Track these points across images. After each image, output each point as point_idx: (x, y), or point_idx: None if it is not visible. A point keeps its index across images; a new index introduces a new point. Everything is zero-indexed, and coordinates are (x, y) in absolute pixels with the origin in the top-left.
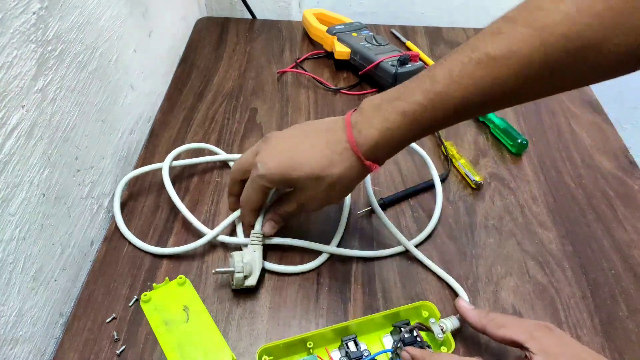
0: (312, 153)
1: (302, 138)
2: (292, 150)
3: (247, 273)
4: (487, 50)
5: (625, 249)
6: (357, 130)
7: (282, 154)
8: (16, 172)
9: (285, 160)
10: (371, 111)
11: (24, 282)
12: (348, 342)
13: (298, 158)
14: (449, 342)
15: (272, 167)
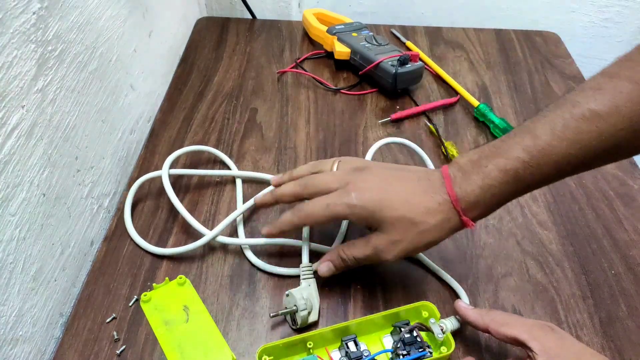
0: (410, 197)
1: (397, 180)
2: (388, 189)
3: (309, 309)
4: (590, 106)
5: (625, 249)
6: (457, 184)
7: (379, 190)
8: (16, 172)
9: (381, 197)
10: (470, 167)
11: (24, 282)
12: (348, 342)
13: (395, 198)
14: (449, 343)
15: (366, 200)
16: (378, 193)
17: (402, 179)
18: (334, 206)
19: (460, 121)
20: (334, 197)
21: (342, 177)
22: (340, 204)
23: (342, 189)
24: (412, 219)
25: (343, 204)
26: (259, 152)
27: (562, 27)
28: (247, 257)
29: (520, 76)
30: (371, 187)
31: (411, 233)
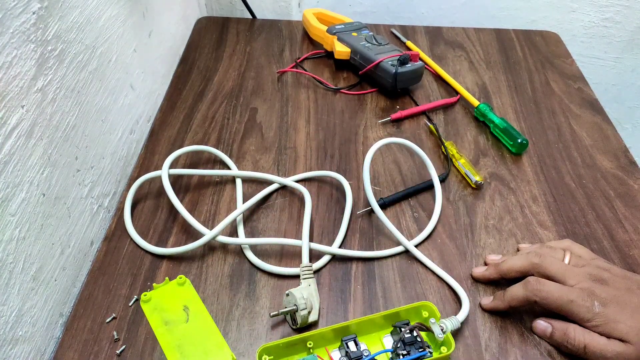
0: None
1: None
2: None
3: (309, 309)
4: None
5: (625, 249)
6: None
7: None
8: (16, 172)
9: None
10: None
11: (24, 282)
12: (348, 342)
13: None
14: (449, 343)
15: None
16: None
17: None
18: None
19: (460, 121)
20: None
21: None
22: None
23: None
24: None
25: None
26: (259, 152)
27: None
28: (247, 257)
29: (520, 76)
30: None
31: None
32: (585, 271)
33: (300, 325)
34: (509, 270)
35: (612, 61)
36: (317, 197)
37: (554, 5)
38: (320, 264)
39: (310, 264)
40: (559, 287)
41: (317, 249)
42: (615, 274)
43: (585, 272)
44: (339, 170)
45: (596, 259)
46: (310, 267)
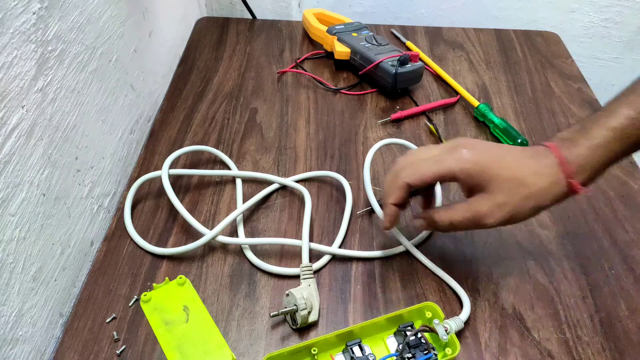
0: (518, 160)
1: (504, 147)
2: (497, 152)
3: (309, 309)
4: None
5: (625, 249)
6: (564, 149)
7: (488, 151)
8: (16, 172)
9: (490, 156)
10: (575, 133)
11: (24, 282)
12: (353, 347)
13: (503, 160)
14: (453, 343)
15: (477, 157)
16: (488, 153)
17: (508, 147)
18: (443, 161)
19: (460, 121)
20: (443, 155)
21: (447, 144)
22: (450, 159)
23: (450, 149)
24: (521, 179)
25: (453, 159)
26: (259, 152)
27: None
28: (247, 257)
29: (520, 76)
30: (481, 148)
31: (518, 195)
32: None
33: (300, 325)
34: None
35: (612, 61)
36: (317, 197)
37: (554, 5)
38: (320, 264)
39: (310, 264)
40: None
41: (317, 249)
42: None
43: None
44: (339, 170)
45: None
46: (310, 267)
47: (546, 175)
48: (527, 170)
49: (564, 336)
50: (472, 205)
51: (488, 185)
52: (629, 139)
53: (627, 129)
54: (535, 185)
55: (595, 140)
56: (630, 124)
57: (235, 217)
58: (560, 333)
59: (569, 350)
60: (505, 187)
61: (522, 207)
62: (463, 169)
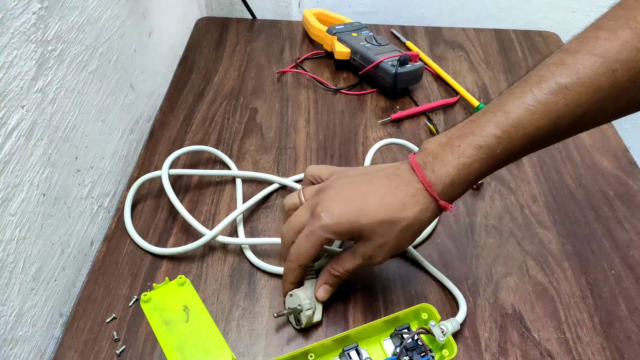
0: (382, 198)
1: (365, 184)
2: (358, 198)
3: (313, 309)
4: (557, 79)
5: (625, 249)
6: (429, 170)
7: (348, 201)
8: (16, 172)
9: (352, 208)
10: (440, 149)
11: (24, 282)
12: (349, 352)
13: (367, 204)
14: (450, 346)
15: (338, 216)
16: (348, 205)
17: (370, 181)
18: (311, 235)
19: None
20: (309, 226)
21: (309, 205)
22: (315, 230)
23: (312, 215)
24: (390, 219)
25: (318, 229)
26: (259, 152)
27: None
28: (247, 257)
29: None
30: (339, 201)
31: (393, 233)
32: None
33: (304, 325)
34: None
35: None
36: None
37: (554, 5)
38: (320, 264)
39: (312, 264)
40: (299, 239)
41: None
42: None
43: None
44: None
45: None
46: (312, 267)
47: (413, 204)
48: (394, 208)
49: (564, 336)
50: (357, 253)
51: (362, 234)
52: (495, 157)
53: (493, 148)
54: (406, 219)
55: (461, 158)
56: (496, 142)
57: (235, 217)
58: (560, 333)
59: (569, 350)
60: (379, 231)
61: (402, 239)
62: (332, 233)
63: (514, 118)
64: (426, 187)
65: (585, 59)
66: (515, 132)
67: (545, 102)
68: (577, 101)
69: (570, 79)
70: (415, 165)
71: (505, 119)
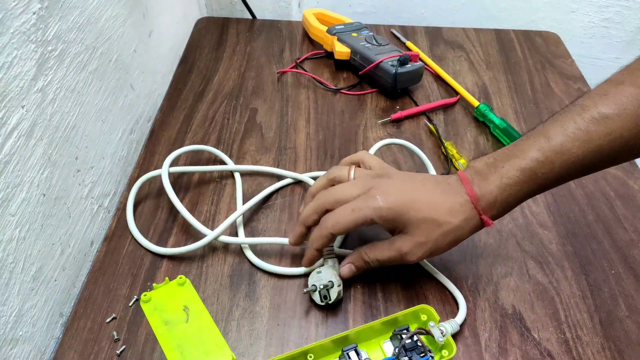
0: (432, 199)
1: (419, 184)
2: (412, 192)
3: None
4: (599, 109)
5: (625, 249)
6: (475, 186)
7: (403, 193)
8: (16, 172)
9: (406, 200)
10: (486, 169)
11: (24, 282)
12: (349, 352)
13: (419, 201)
14: (450, 346)
15: (392, 203)
16: (402, 196)
17: (422, 182)
18: (359, 210)
19: (460, 121)
20: (359, 202)
21: (363, 184)
22: (366, 208)
23: (365, 194)
24: (436, 219)
25: (369, 208)
26: (259, 152)
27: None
28: (247, 256)
29: (520, 76)
30: (395, 190)
31: (435, 234)
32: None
33: (334, 300)
34: (306, 219)
35: (612, 61)
36: None
37: (554, 6)
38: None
39: (331, 244)
40: (343, 209)
41: None
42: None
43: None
44: None
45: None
46: (332, 246)
47: (459, 212)
48: (441, 211)
49: (564, 336)
50: (395, 245)
51: (405, 227)
52: (536, 181)
53: (534, 171)
54: (450, 223)
55: (504, 179)
56: (537, 167)
57: (235, 218)
58: (560, 333)
59: (569, 350)
60: (422, 228)
61: (441, 243)
62: (380, 216)
63: (555, 144)
64: (472, 200)
65: (629, 90)
66: (556, 158)
67: (586, 130)
68: (618, 131)
69: (612, 109)
70: (464, 179)
71: (548, 145)
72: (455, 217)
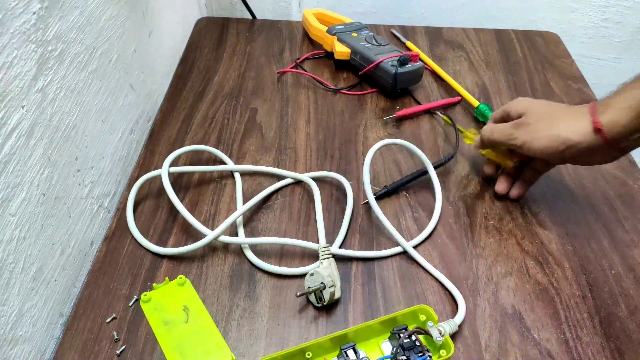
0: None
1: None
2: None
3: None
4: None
5: (625, 249)
6: (599, 112)
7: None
8: (16, 172)
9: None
10: (611, 97)
11: (24, 282)
12: (347, 351)
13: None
14: (448, 346)
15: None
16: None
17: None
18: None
19: (460, 121)
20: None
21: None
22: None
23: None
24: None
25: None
26: (259, 152)
27: (562, 27)
28: (247, 256)
29: (520, 76)
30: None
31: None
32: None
33: (327, 302)
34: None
35: (612, 61)
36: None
37: (554, 6)
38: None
39: (327, 244)
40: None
41: (317, 249)
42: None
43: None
44: (338, 170)
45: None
46: (328, 247)
47: (572, 112)
48: (560, 110)
49: (564, 336)
50: (512, 124)
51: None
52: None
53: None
54: (559, 113)
55: (624, 91)
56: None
57: (235, 218)
58: (560, 333)
59: (569, 350)
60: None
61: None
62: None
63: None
64: (590, 107)
65: None
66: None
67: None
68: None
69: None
70: (591, 104)
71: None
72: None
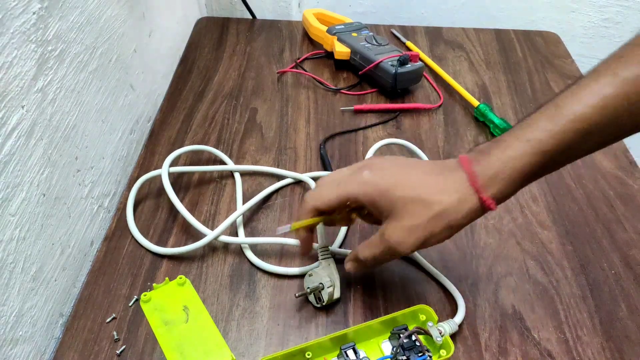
0: (422, 177)
1: (412, 164)
2: (402, 172)
3: (333, 286)
4: (615, 71)
5: (625, 249)
6: (474, 163)
7: (391, 171)
8: (16, 172)
9: (393, 177)
10: (489, 146)
11: (24, 282)
12: (347, 351)
13: (407, 179)
14: (448, 346)
15: (379, 179)
16: (391, 174)
17: (417, 163)
18: (345, 185)
19: (460, 121)
20: (346, 177)
21: (353, 166)
22: (350, 182)
23: (354, 172)
24: (425, 199)
25: (354, 182)
26: (259, 152)
27: (562, 27)
28: (247, 256)
29: (520, 76)
30: (384, 167)
31: (425, 216)
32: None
33: (326, 302)
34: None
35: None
36: None
37: (554, 6)
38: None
39: (327, 244)
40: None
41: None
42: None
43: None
44: None
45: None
46: (327, 247)
47: (453, 191)
48: (432, 189)
49: (564, 336)
50: (384, 235)
51: (392, 209)
52: (545, 154)
53: (543, 142)
54: (441, 203)
55: (508, 151)
56: (546, 137)
57: (236, 218)
58: (560, 333)
59: (569, 350)
60: (410, 210)
61: (433, 228)
62: (365, 192)
63: (566, 112)
64: (469, 177)
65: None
66: (567, 126)
67: (600, 95)
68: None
69: (631, 72)
70: (463, 158)
71: (557, 112)
72: (447, 196)
